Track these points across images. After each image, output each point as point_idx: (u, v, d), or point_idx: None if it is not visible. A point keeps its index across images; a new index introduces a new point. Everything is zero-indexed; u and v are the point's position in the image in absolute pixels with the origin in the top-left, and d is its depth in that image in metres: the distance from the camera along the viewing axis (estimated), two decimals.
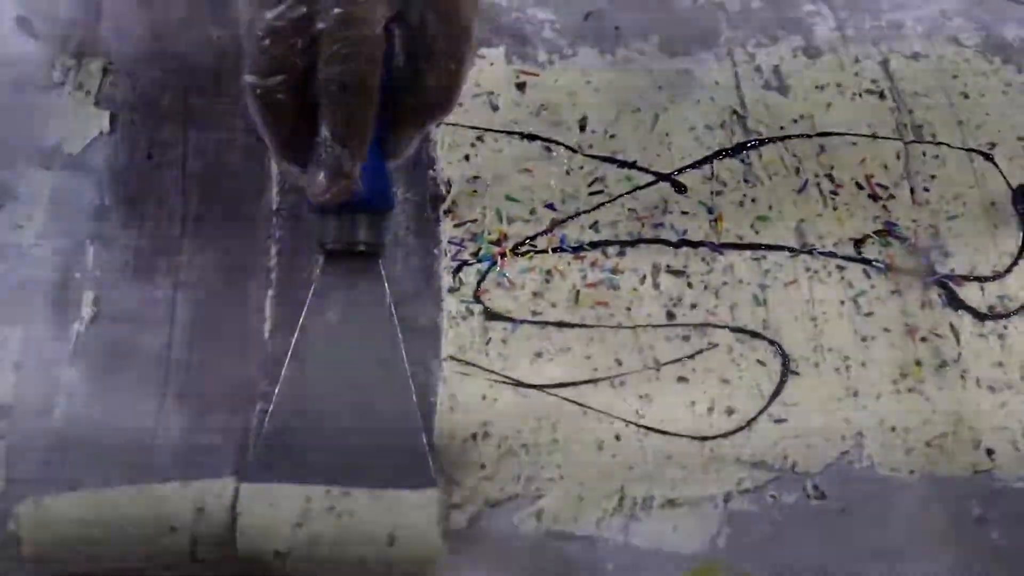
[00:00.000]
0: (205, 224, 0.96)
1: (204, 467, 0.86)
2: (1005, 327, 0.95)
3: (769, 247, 0.98)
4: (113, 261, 0.94)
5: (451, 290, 0.95)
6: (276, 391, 0.87)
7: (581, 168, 1.01)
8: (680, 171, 1.01)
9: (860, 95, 1.06)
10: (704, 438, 0.90)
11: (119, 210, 0.96)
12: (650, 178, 1.01)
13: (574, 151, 1.01)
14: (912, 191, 1.01)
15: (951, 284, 0.97)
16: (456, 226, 0.98)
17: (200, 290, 0.93)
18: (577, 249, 0.97)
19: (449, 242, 0.97)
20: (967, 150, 1.04)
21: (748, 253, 0.98)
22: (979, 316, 0.96)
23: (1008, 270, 0.98)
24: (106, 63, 1.02)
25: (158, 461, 0.86)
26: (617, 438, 0.89)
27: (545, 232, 0.98)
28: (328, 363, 0.88)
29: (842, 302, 0.96)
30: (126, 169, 0.98)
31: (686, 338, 0.94)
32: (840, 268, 0.97)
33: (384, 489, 0.83)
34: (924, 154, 1.03)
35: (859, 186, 1.01)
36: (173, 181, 0.98)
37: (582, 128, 1.02)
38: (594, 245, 0.97)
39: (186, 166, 0.99)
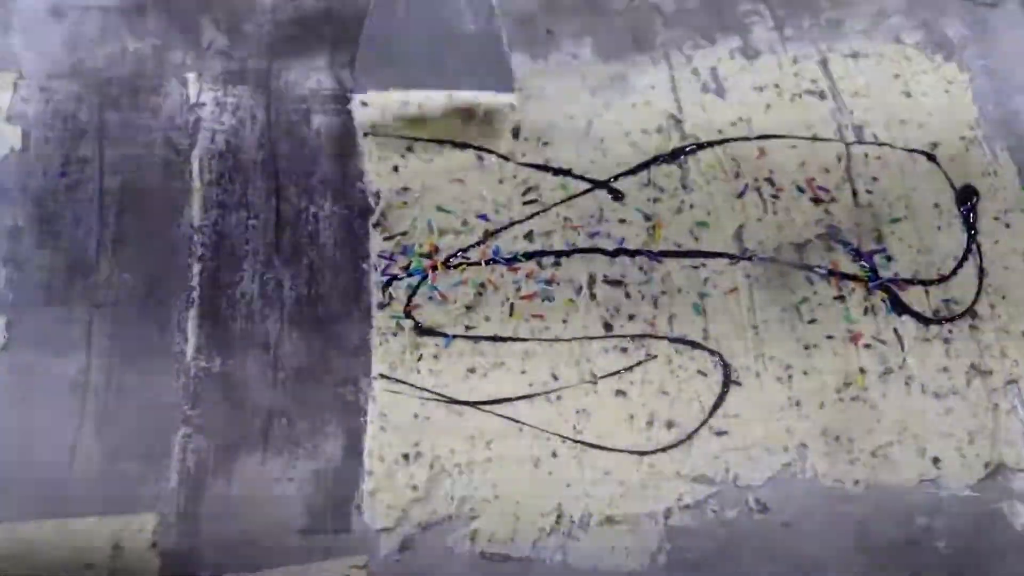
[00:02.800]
0: (123, 243, 0.95)
1: (124, 498, 0.85)
2: (950, 331, 0.95)
3: (708, 254, 0.98)
4: (27, 284, 0.93)
5: (381, 306, 0.94)
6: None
7: (514, 177, 1.00)
8: (616, 178, 1.01)
9: (799, 96, 1.06)
10: (643, 453, 0.90)
11: (33, 231, 0.95)
12: (585, 186, 1.01)
13: (507, 159, 1.01)
14: (854, 194, 1.01)
15: (895, 288, 0.97)
16: (386, 239, 0.97)
17: (119, 312, 0.93)
18: (511, 260, 0.97)
19: (379, 256, 0.96)
20: (910, 151, 1.04)
21: (687, 261, 0.98)
22: (923, 321, 0.96)
23: (953, 273, 0.98)
24: (17, 77, 1.01)
25: (76, 492, 0.85)
26: (554, 455, 0.89)
27: (478, 244, 0.98)
28: None
29: (783, 309, 0.95)
30: (40, 188, 0.97)
31: (624, 350, 0.94)
32: (782, 274, 0.97)
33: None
34: (866, 156, 1.03)
35: (800, 190, 1.01)
36: (89, 199, 0.97)
37: (515, 136, 1.02)
38: (528, 256, 0.97)
39: (103, 183, 0.97)
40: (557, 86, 1.06)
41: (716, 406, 0.92)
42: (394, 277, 0.96)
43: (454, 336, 0.93)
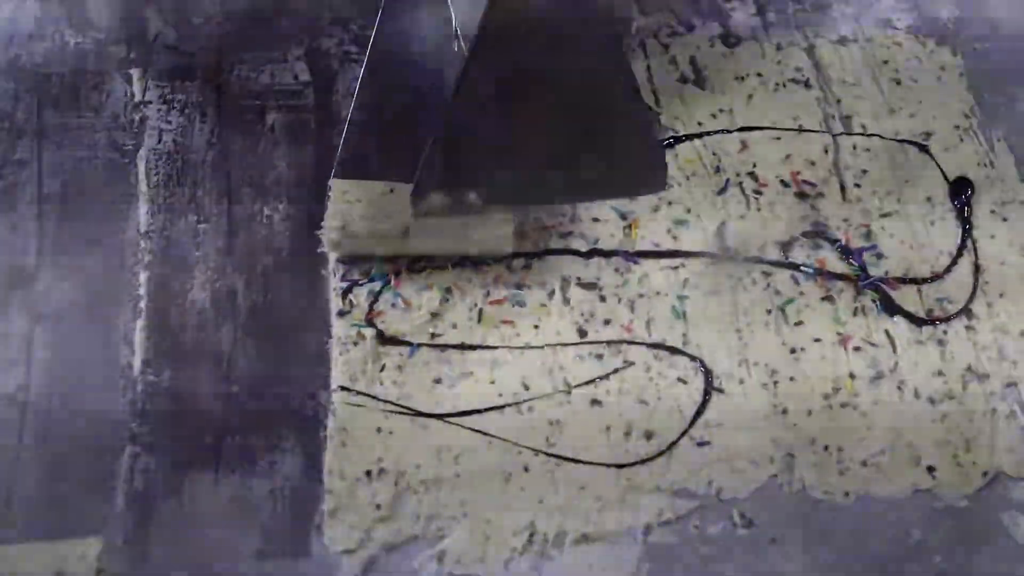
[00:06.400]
0: (64, 250, 0.95)
1: (66, 522, 0.84)
2: (944, 332, 0.95)
3: (688, 254, 0.98)
4: None
5: (341, 313, 0.94)
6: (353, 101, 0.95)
7: None
8: None
9: (784, 85, 1.06)
10: (620, 466, 0.89)
11: None
12: None
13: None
14: (842, 188, 1.01)
15: (886, 288, 0.96)
16: None
17: (60, 323, 0.92)
18: (479, 263, 0.96)
19: (337, 261, 0.96)
20: (900, 141, 1.04)
21: (665, 261, 0.97)
22: (916, 321, 0.95)
23: (947, 270, 0.98)
24: None
25: (14, 516, 0.84)
26: (526, 469, 0.88)
27: None
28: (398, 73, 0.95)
29: (768, 311, 0.95)
30: None
31: (599, 357, 0.93)
32: (766, 275, 0.97)
33: None
34: (854, 147, 1.03)
35: (784, 184, 1.01)
36: (27, 204, 0.96)
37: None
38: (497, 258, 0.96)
39: (42, 187, 0.97)
40: None
41: (697, 415, 0.91)
42: (354, 283, 0.95)
43: (419, 345, 0.93)
